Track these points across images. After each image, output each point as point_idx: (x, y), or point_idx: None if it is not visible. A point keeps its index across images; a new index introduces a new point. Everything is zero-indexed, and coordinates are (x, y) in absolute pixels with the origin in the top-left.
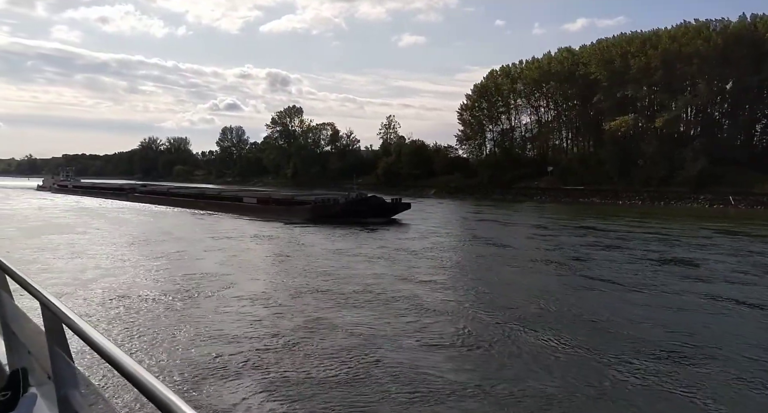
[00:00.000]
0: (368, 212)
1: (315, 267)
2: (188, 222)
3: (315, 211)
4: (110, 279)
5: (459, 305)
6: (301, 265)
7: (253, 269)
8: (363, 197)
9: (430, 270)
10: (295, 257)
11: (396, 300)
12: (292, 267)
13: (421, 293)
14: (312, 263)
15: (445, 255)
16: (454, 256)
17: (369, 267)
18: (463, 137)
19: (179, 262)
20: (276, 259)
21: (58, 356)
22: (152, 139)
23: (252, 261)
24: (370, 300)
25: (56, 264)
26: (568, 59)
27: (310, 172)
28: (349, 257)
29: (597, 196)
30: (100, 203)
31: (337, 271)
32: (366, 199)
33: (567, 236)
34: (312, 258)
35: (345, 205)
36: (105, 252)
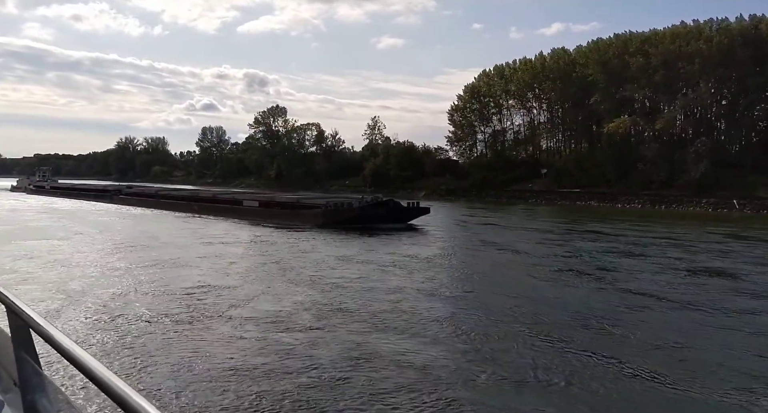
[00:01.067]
0: (385, 217)
1: (334, 280)
2: (182, 227)
3: (326, 216)
4: (100, 293)
5: (507, 327)
6: (318, 278)
7: (264, 283)
8: (379, 201)
9: (457, 283)
10: (308, 268)
11: (433, 322)
12: (309, 280)
13: (457, 312)
14: (329, 275)
15: (464, 264)
16: (474, 266)
17: (392, 280)
18: (454, 138)
19: (177, 273)
20: (289, 271)
21: (24, 362)
22: (129, 139)
23: (262, 273)
24: (405, 322)
25: (38, 274)
26: (563, 59)
27: (294, 173)
28: (370, 268)
29: (594, 199)
30: (82, 206)
31: (359, 285)
32: (383, 203)
33: (578, 241)
34: (329, 269)
35: (360, 210)
36: (93, 262)
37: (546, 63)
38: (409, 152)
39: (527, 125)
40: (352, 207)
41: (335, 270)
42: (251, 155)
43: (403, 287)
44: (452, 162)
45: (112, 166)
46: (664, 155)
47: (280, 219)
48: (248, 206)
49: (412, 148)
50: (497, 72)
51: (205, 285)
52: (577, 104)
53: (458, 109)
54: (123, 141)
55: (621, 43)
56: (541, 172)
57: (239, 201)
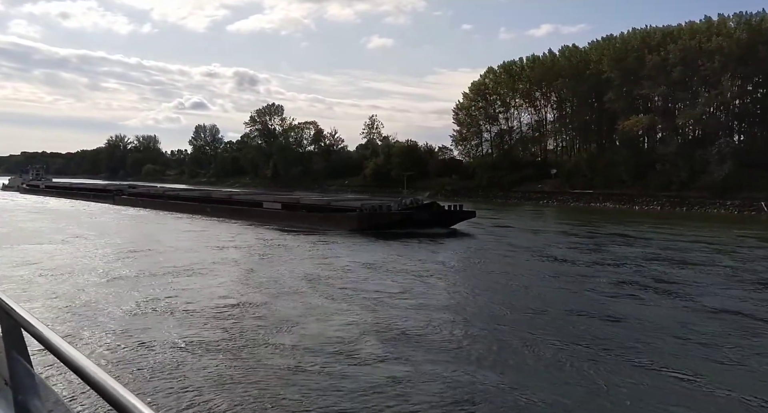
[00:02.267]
0: (428, 221)
1: (392, 296)
2: (197, 231)
3: (363, 220)
4: (115, 311)
5: (617, 363)
6: (371, 294)
7: (309, 299)
8: (420, 203)
9: (530, 301)
10: (355, 280)
11: (526, 353)
12: (360, 295)
13: (548, 340)
14: (384, 290)
15: (524, 277)
16: (531, 280)
17: (455, 297)
18: (459, 137)
19: (200, 286)
20: (333, 284)
21: (15, 361)
22: (120, 137)
23: (303, 286)
24: (489, 350)
25: (40, 284)
26: (575, 56)
27: (291, 173)
28: (429, 282)
29: (609, 201)
30: (81, 207)
31: (424, 302)
32: (426, 206)
33: (610, 245)
34: (379, 281)
35: (403, 214)
36: (103, 272)
37: (557, 60)
38: (411, 152)
39: (535, 124)
40: (392, 211)
41: (386, 282)
42: (247, 154)
43: (468, 305)
44: (456, 161)
45: (102, 164)
46: (685, 155)
47: (307, 223)
48: (269, 208)
49: (415, 148)
50: (504, 69)
51: (238, 302)
52: (589, 102)
53: (463, 108)
54: (113, 139)
55: (638, 40)
56: (550, 173)
57: (258, 202)
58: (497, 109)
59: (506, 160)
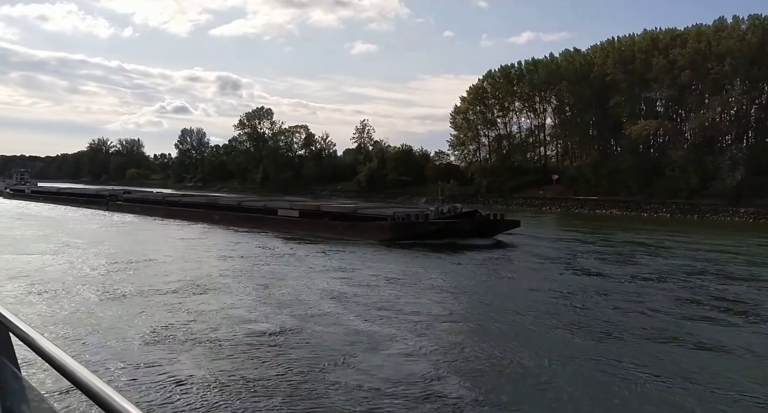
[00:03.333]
0: (470, 232)
1: (451, 322)
2: (204, 243)
3: (397, 230)
4: (135, 341)
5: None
6: (423, 315)
7: (363, 327)
8: (459, 211)
9: (598, 324)
10: (403, 301)
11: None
12: (411, 320)
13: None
14: (437, 313)
15: (579, 295)
16: (589, 298)
17: (518, 320)
18: (456, 142)
19: (224, 311)
20: (378, 307)
21: (3, 366)
22: (102, 141)
23: (349, 313)
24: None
25: (41, 307)
26: (577, 60)
27: (281, 177)
28: (486, 301)
29: (615, 208)
30: (72, 213)
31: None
32: (466, 215)
33: (642, 257)
34: (433, 304)
35: (443, 223)
36: (105, 289)
37: (559, 64)
38: (406, 156)
39: (535, 129)
40: (431, 220)
41: (434, 302)
42: (235, 158)
43: (537, 331)
44: (453, 167)
45: (84, 168)
46: (695, 161)
47: (331, 232)
48: (285, 216)
49: (410, 152)
50: (503, 73)
51: (268, 327)
52: (592, 106)
53: (461, 112)
54: (95, 142)
55: (645, 42)
56: (551, 178)
57: (273, 209)
58: (495, 114)
59: (506, 165)
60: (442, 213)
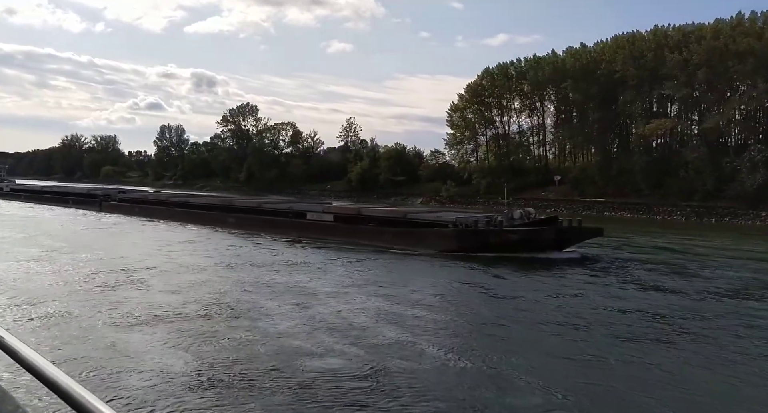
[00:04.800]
0: (552, 242)
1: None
2: (222, 252)
3: (463, 239)
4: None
5: None
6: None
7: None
8: (534, 218)
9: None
10: (506, 336)
11: None
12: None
13: None
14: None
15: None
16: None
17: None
18: (453, 141)
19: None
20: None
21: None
22: (75, 137)
23: (442, 353)
24: None
25: (48, 334)
26: (584, 56)
27: (267, 176)
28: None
29: (625, 210)
30: (61, 215)
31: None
32: (546, 222)
33: (692, 265)
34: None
35: (521, 231)
36: (137, 317)
37: (563, 60)
38: (399, 155)
39: (537, 128)
40: (506, 228)
41: (532, 338)
42: (218, 156)
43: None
44: (449, 166)
45: (56, 165)
46: (711, 162)
47: (374, 240)
48: (316, 220)
49: (403, 152)
50: (501, 71)
51: (357, 371)
52: (599, 105)
53: (458, 109)
54: (68, 138)
55: (658, 38)
56: (554, 179)
57: (300, 212)
58: (494, 113)
59: (506, 165)
60: (513, 220)
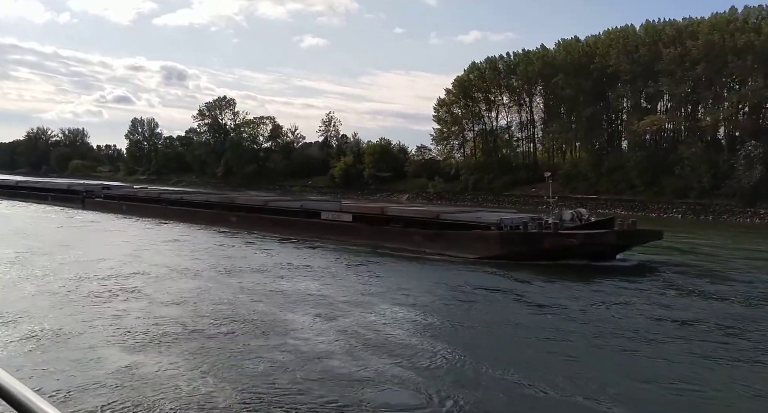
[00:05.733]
0: (613, 247)
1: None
2: (229, 256)
3: (509, 243)
4: None
5: None
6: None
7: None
8: (587, 219)
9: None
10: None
11: None
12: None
13: None
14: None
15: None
16: None
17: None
18: (440, 137)
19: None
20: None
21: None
22: (42, 129)
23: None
24: None
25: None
26: (576, 50)
27: (245, 171)
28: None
29: (619, 207)
30: (40, 212)
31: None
32: (601, 224)
33: (726, 269)
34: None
35: (581, 235)
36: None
37: (554, 54)
38: (384, 151)
39: (525, 124)
40: (561, 231)
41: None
42: (194, 150)
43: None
44: (436, 162)
45: (20, 158)
46: (708, 159)
47: (401, 243)
48: (332, 220)
49: (388, 147)
50: (489, 65)
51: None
52: (591, 100)
53: (445, 104)
54: (34, 131)
55: (651, 33)
56: (544, 176)
57: (313, 212)
58: (482, 108)
59: (494, 161)
60: (563, 222)
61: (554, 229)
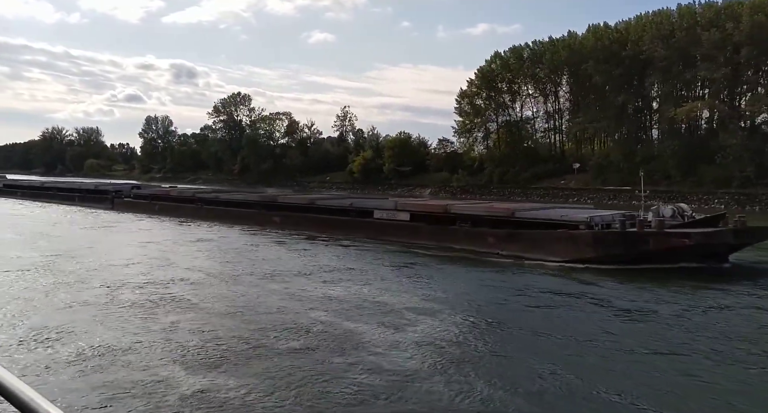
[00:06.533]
0: (729, 247)
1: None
2: (282, 259)
3: (605, 244)
4: None
5: None
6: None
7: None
8: (691, 216)
9: None
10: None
11: None
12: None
13: None
14: None
15: None
16: None
17: None
18: (463, 129)
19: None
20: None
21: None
22: (57, 129)
23: None
24: None
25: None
26: (606, 36)
27: (262, 168)
28: None
29: (656, 199)
30: (70, 214)
31: None
32: (708, 221)
33: None
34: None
35: (695, 234)
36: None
37: (581, 42)
38: (404, 145)
39: (551, 114)
40: (669, 230)
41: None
42: (209, 147)
43: None
44: (458, 155)
45: (36, 158)
46: (752, 147)
47: (471, 244)
48: (386, 219)
49: (408, 141)
50: (514, 54)
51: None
52: (621, 87)
53: (467, 96)
54: (49, 131)
55: (687, 16)
56: (573, 167)
57: (365, 210)
58: (506, 98)
59: (519, 153)
60: (663, 219)
61: (659, 228)
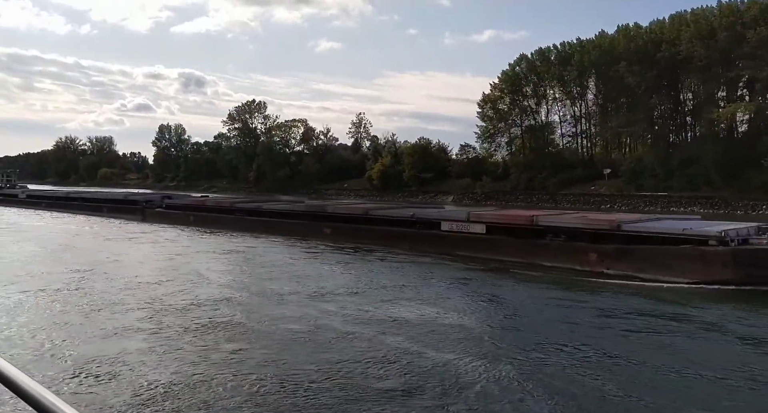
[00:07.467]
0: None
1: None
2: (337, 275)
3: (746, 264)
4: None
5: None
6: None
7: None
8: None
9: None
10: None
11: None
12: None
13: None
14: None
15: None
16: None
17: None
18: (486, 134)
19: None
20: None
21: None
22: (70, 139)
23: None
24: None
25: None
26: (640, 37)
27: (278, 176)
28: None
29: (696, 205)
30: (96, 226)
31: None
32: None
33: None
34: None
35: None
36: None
37: (612, 42)
38: (424, 151)
39: (579, 117)
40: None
41: None
42: (224, 155)
43: None
44: (481, 161)
45: (50, 168)
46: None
47: (568, 262)
48: (458, 231)
49: (427, 147)
50: (540, 57)
51: None
52: (655, 90)
53: (490, 100)
54: (62, 141)
55: (729, 14)
56: (603, 172)
57: (430, 222)
58: (531, 102)
59: (546, 158)
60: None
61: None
